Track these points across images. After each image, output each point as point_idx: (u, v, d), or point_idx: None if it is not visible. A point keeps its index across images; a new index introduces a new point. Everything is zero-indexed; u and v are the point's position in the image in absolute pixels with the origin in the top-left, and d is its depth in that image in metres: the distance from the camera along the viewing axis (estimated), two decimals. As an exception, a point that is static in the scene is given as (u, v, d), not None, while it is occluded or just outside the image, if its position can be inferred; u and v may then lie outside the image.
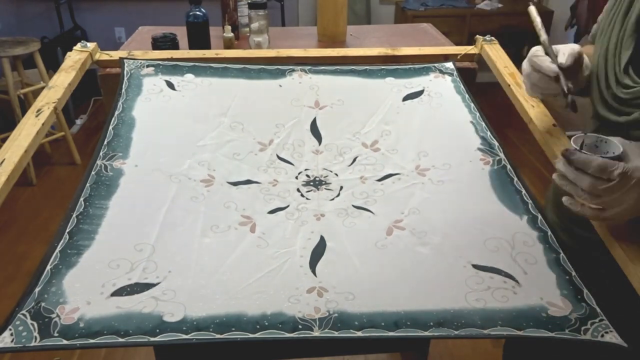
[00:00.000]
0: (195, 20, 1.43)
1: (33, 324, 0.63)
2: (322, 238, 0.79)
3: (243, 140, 0.99)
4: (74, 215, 0.79)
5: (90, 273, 0.71)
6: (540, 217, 0.83)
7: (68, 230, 0.76)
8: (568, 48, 0.84)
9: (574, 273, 0.73)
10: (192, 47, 1.43)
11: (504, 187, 0.89)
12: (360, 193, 0.89)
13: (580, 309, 0.68)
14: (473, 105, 1.09)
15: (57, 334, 0.62)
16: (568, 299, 0.69)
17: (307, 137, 1.01)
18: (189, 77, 1.12)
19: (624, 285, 0.68)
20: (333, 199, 0.87)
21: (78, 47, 1.18)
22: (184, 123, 1.01)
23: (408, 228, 0.81)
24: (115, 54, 1.21)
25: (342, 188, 0.90)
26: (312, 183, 0.91)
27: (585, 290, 0.70)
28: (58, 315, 0.64)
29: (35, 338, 0.61)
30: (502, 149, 0.97)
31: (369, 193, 0.89)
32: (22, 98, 2.84)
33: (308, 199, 0.87)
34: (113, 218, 0.80)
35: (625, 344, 0.63)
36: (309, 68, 1.17)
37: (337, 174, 0.93)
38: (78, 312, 0.65)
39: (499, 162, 0.94)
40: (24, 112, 1.03)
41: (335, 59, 1.24)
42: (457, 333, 0.64)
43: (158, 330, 0.63)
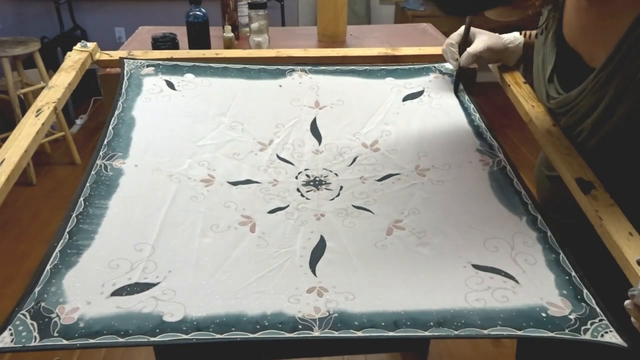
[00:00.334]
0: (195, 20, 1.43)
1: (33, 324, 0.63)
2: (322, 238, 0.79)
3: (243, 140, 0.99)
4: (74, 215, 0.79)
5: (90, 273, 0.70)
6: (540, 217, 0.83)
7: (68, 230, 0.76)
8: (481, 43, 1.05)
9: (574, 273, 0.73)
10: (192, 47, 1.43)
11: (504, 187, 0.89)
12: (360, 193, 0.89)
13: (580, 309, 0.68)
14: (473, 106, 1.09)
15: (57, 334, 0.62)
16: (568, 299, 0.69)
17: (307, 137, 1.01)
18: (189, 77, 1.12)
19: (623, 283, 0.68)
20: (333, 199, 0.87)
21: (78, 47, 1.18)
22: (184, 123, 1.01)
23: (408, 228, 0.81)
24: (115, 54, 1.21)
25: (342, 188, 0.90)
26: (312, 183, 0.91)
27: (585, 291, 0.70)
28: (58, 315, 0.64)
29: (35, 338, 0.61)
30: (501, 150, 0.97)
31: (369, 193, 0.89)
32: (22, 98, 2.84)
33: (308, 199, 0.87)
34: (113, 218, 0.80)
35: (625, 344, 0.63)
36: (309, 68, 1.17)
37: (337, 174, 0.93)
38: (78, 312, 0.65)
39: (499, 162, 0.94)
40: (24, 112, 1.03)
41: (335, 59, 1.24)
42: (457, 333, 0.64)
43: (158, 330, 0.63)
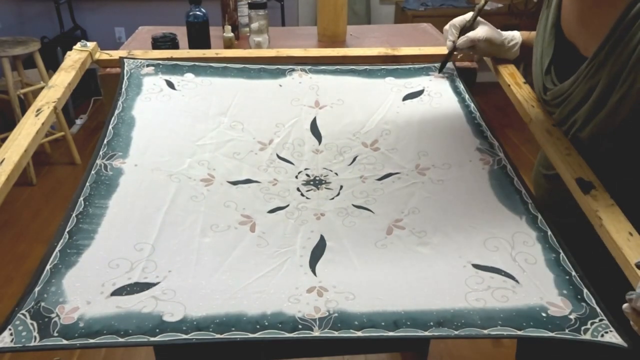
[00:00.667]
0: (195, 20, 1.43)
1: (33, 324, 0.63)
2: (322, 237, 0.79)
3: (243, 140, 0.99)
4: (74, 215, 0.79)
5: (90, 273, 0.70)
6: (540, 217, 0.82)
7: (68, 230, 0.76)
8: (482, 32, 1.09)
9: (574, 273, 0.73)
10: (192, 47, 1.43)
11: (504, 187, 0.89)
12: (360, 192, 0.89)
13: (580, 309, 0.68)
14: (473, 105, 1.09)
15: (56, 334, 0.62)
16: (568, 299, 0.69)
17: (307, 136, 1.01)
18: (189, 76, 1.12)
19: (623, 283, 0.68)
20: (333, 198, 0.87)
21: (78, 46, 1.18)
22: (184, 122, 1.01)
23: (408, 227, 0.81)
24: (115, 54, 1.21)
25: (342, 187, 0.90)
26: (312, 182, 0.91)
27: (585, 290, 0.70)
28: (58, 315, 0.64)
29: (35, 338, 0.61)
30: (502, 149, 0.97)
31: (369, 192, 0.89)
32: (22, 98, 2.84)
33: (308, 199, 0.87)
34: (113, 217, 0.80)
35: (625, 344, 0.63)
36: (309, 68, 1.17)
37: (337, 174, 0.93)
38: (78, 311, 0.65)
39: (499, 162, 0.94)
40: (24, 111, 1.03)
41: (335, 59, 1.24)
42: (457, 333, 0.64)
43: (158, 330, 0.63)
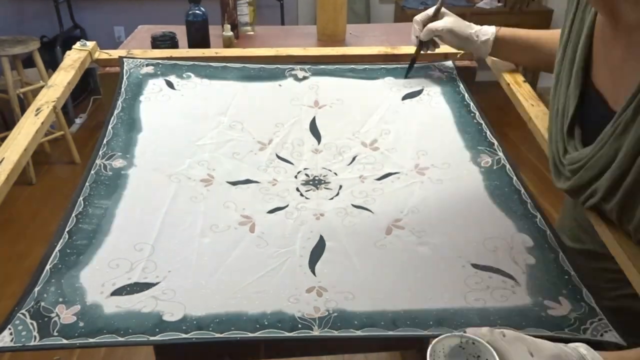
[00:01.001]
0: (195, 19, 1.43)
1: (32, 324, 0.63)
2: (321, 237, 0.79)
3: (242, 140, 0.99)
4: (74, 215, 0.79)
5: (90, 273, 0.71)
6: (540, 216, 0.83)
7: (67, 230, 0.76)
8: (442, 23, 1.09)
9: (573, 272, 0.73)
10: (191, 46, 1.43)
11: (503, 186, 0.89)
12: (360, 192, 0.89)
13: (580, 309, 0.68)
14: (472, 104, 1.09)
15: (56, 334, 0.62)
16: (567, 299, 0.69)
17: (306, 136, 1.01)
18: (189, 76, 1.12)
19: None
20: (332, 199, 0.87)
21: (77, 46, 1.18)
22: (184, 122, 1.01)
23: (407, 227, 0.81)
24: (115, 53, 1.20)
25: (341, 187, 0.90)
26: (311, 182, 0.91)
27: (585, 290, 0.70)
28: (57, 315, 0.64)
29: (35, 337, 0.61)
30: (501, 148, 0.97)
31: (368, 192, 0.89)
32: (21, 97, 2.84)
33: (307, 199, 0.87)
34: (113, 218, 0.80)
35: (625, 343, 0.63)
36: (309, 67, 1.17)
37: (336, 173, 0.93)
38: (78, 311, 0.65)
39: (498, 161, 0.94)
40: (24, 111, 1.02)
41: (335, 58, 1.24)
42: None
43: (158, 330, 0.63)
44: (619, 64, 0.67)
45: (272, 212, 0.84)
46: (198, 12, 1.42)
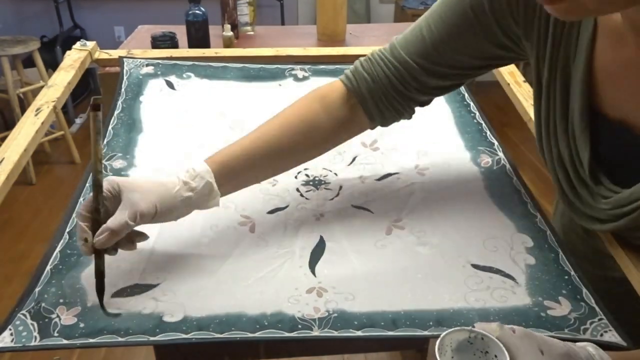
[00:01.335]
0: (195, 19, 1.43)
1: (33, 324, 0.63)
2: (321, 238, 0.79)
3: (242, 140, 0.99)
4: (74, 215, 0.79)
5: (90, 274, 0.70)
6: (540, 216, 0.83)
7: (68, 230, 0.76)
8: (123, 212, 0.64)
9: (573, 272, 0.73)
10: (191, 46, 1.44)
11: (503, 186, 0.89)
12: (360, 193, 0.89)
13: (580, 309, 0.68)
14: (472, 104, 1.09)
15: (57, 334, 0.62)
16: (567, 299, 0.69)
17: (306, 136, 1.01)
18: (189, 76, 1.12)
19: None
20: (332, 199, 0.87)
21: (77, 46, 1.18)
22: (184, 123, 1.01)
23: (407, 227, 0.81)
24: (115, 53, 1.21)
25: (341, 187, 0.90)
26: (311, 183, 0.91)
27: (585, 290, 0.70)
28: (58, 316, 0.64)
29: (35, 338, 0.61)
30: (501, 148, 0.97)
31: (368, 192, 0.89)
32: (21, 97, 2.84)
33: (307, 199, 0.87)
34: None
35: (625, 343, 0.63)
36: (309, 67, 1.17)
37: (336, 174, 0.93)
38: (78, 312, 0.65)
39: (498, 161, 0.95)
40: (24, 111, 1.02)
41: (335, 58, 1.24)
42: (456, 333, 0.64)
43: (158, 330, 0.63)
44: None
45: (272, 212, 0.84)
46: (198, 12, 1.43)
